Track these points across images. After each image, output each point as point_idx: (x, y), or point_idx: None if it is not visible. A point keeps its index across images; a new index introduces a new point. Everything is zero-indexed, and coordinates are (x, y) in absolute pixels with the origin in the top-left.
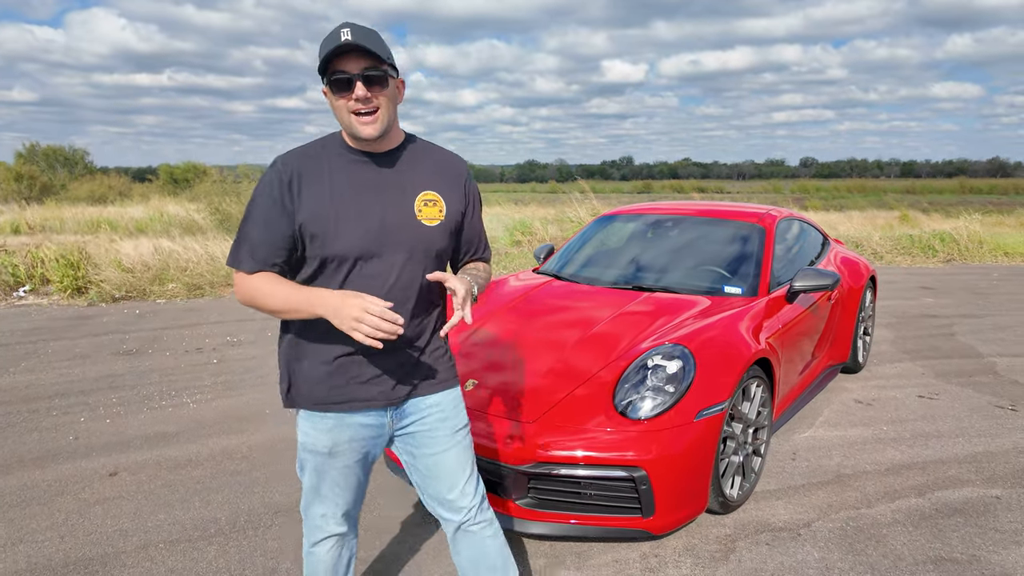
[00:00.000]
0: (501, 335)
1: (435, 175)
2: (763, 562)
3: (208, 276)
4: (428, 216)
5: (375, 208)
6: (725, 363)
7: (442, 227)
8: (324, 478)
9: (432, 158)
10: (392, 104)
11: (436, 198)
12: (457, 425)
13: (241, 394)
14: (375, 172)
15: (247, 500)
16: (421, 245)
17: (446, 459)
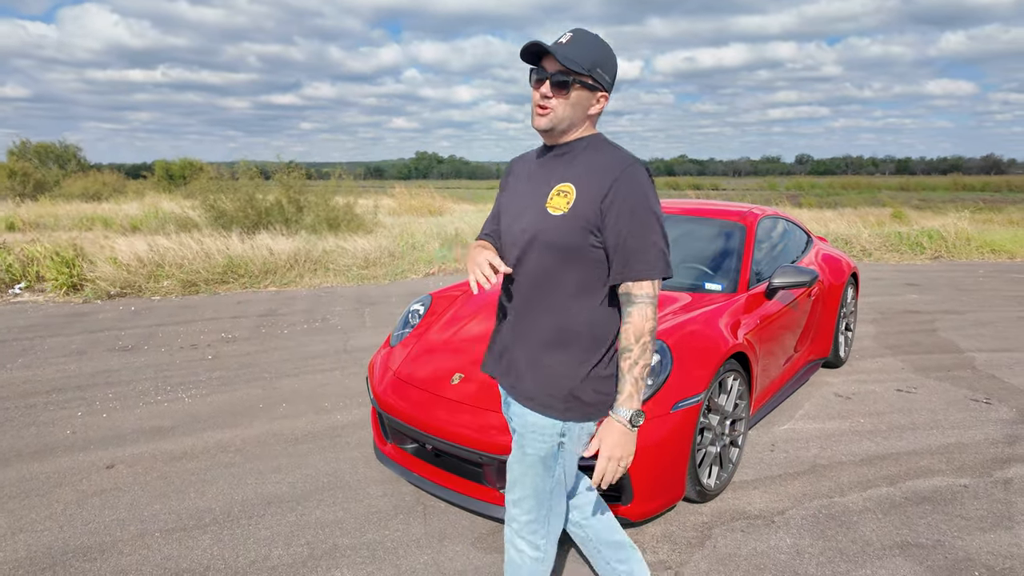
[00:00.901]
0: (488, 330)
1: (583, 169)
2: (737, 548)
3: (204, 273)
4: (554, 205)
5: (524, 197)
6: (702, 357)
7: (566, 219)
8: None
9: (593, 155)
10: (572, 108)
11: (568, 189)
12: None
13: (235, 389)
14: (539, 164)
15: (240, 491)
16: (543, 234)
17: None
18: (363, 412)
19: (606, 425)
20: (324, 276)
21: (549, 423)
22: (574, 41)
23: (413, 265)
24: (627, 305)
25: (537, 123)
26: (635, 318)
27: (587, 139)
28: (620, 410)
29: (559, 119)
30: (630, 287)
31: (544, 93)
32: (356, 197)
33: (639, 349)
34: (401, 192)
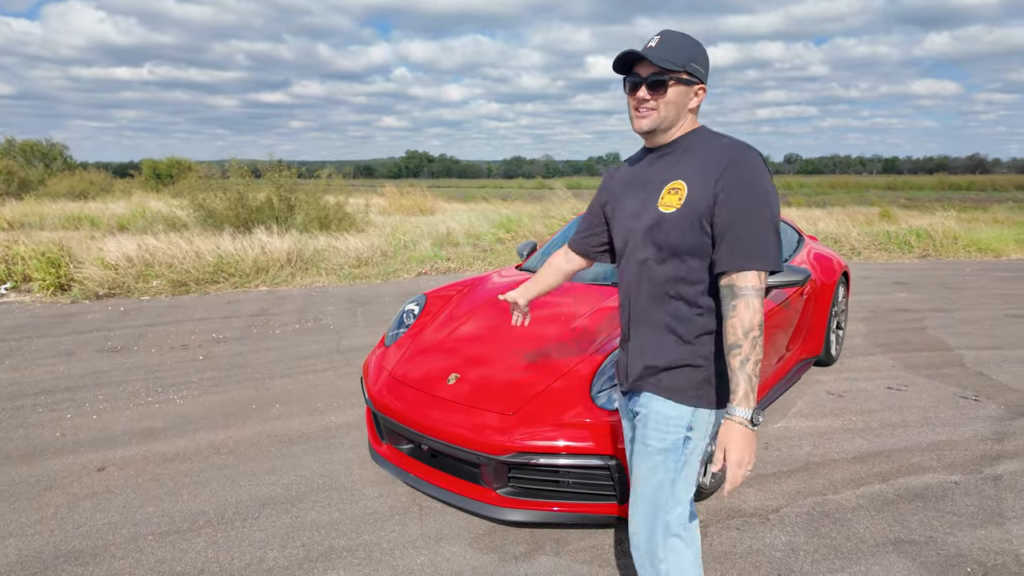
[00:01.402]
0: (484, 330)
1: (692, 163)
2: (733, 545)
3: (194, 272)
4: (666, 203)
5: (635, 200)
6: None
7: (678, 215)
8: None
9: (702, 149)
10: (674, 107)
11: (680, 186)
12: (645, 441)
13: (227, 390)
14: (645, 166)
15: (234, 493)
16: (656, 233)
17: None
18: (357, 413)
19: (726, 430)
20: (316, 275)
21: (677, 413)
22: (663, 42)
23: (405, 264)
24: (730, 297)
25: (639, 125)
26: (741, 311)
27: (691, 134)
28: (737, 410)
29: (661, 118)
30: (734, 278)
31: (641, 97)
32: (347, 196)
33: (749, 344)
34: (391, 191)
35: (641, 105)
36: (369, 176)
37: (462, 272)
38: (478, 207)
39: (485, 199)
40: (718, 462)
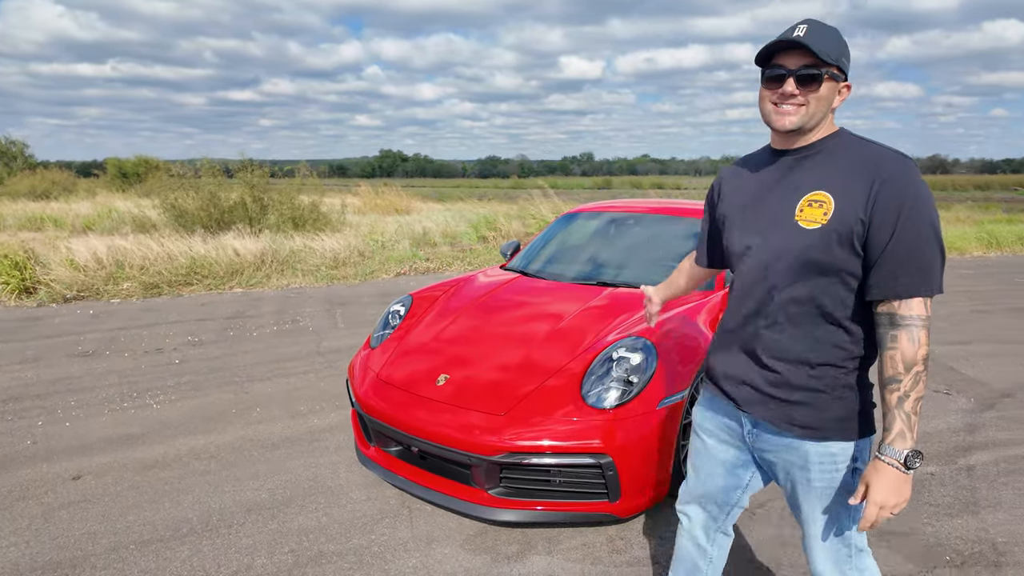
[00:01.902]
0: (471, 330)
1: (838, 172)
2: None
3: (166, 274)
4: (808, 218)
5: (762, 210)
6: (685, 354)
7: (822, 232)
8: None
9: (848, 155)
10: (822, 104)
11: (825, 199)
12: (810, 482)
13: (206, 394)
14: (776, 171)
15: (218, 499)
16: (793, 251)
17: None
18: (341, 415)
19: (875, 468)
20: (292, 276)
21: (837, 447)
22: (813, 31)
23: (384, 265)
24: (890, 327)
25: (782, 123)
26: (904, 344)
27: (832, 137)
28: (890, 449)
29: (810, 116)
30: (896, 306)
31: (788, 91)
32: (321, 195)
33: (910, 380)
34: (366, 190)
35: (786, 101)
36: (342, 175)
37: (442, 272)
38: (454, 207)
39: (461, 199)
40: (858, 496)
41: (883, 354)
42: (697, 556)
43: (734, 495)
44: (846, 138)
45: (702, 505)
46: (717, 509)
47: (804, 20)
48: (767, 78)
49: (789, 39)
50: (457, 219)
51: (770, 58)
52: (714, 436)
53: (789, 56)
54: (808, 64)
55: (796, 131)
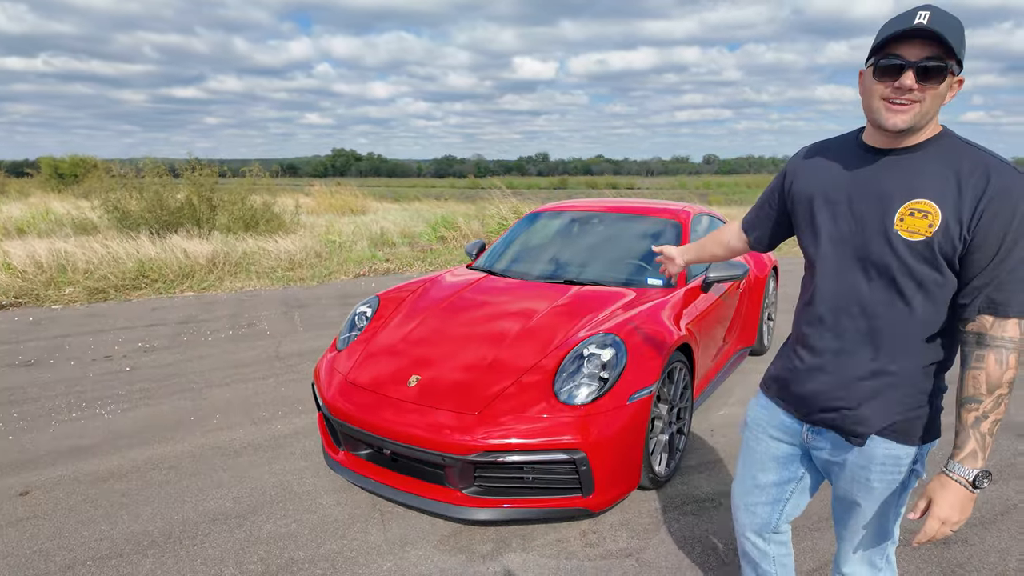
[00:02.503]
0: (441, 330)
1: (943, 180)
2: (691, 530)
3: (112, 279)
4: (909, 228)
5: (856, 205)
6: (652, 349)
7: (925, 246)
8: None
9: (954, 160)
10: (937, 102)
11: (930, 209)
12: (870, 483)
13: (161, 402)
14: (871, 169)
15: (180, 510)
16: (889, 260)
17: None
18: (305, 420)
19: (941, 483)
20: (246, 279)
21: (903, 451)
22: (938, 18)
23: (342, 266)
24: (977, 346)
25: (894, 121)
26: (991, 365)
27: (937, 138)
28: (960, 468)
29: (924, 114)
30: (988, 324)
31: (906, 85)
32: (273, 195)
33: (992, 401)
34: (320, 190)
35: (902, 95)
36: (294, 175)
37: (403, 273)
38: (411, 206)
39: (418, 198)
40: (918, 510)
41: (967, 372)
42: (759, 557)
43: (786, 490)
44: (952, 140)
45: (750, 506)
46: (768, 509)
47: (924, 5)
48: (881, 68)
49: (913, 26)
50: (415, 219)
51: (884, 47)
52: (767, 433)
53: (910, 45)
54: (931, 56)
55: (908, 130)
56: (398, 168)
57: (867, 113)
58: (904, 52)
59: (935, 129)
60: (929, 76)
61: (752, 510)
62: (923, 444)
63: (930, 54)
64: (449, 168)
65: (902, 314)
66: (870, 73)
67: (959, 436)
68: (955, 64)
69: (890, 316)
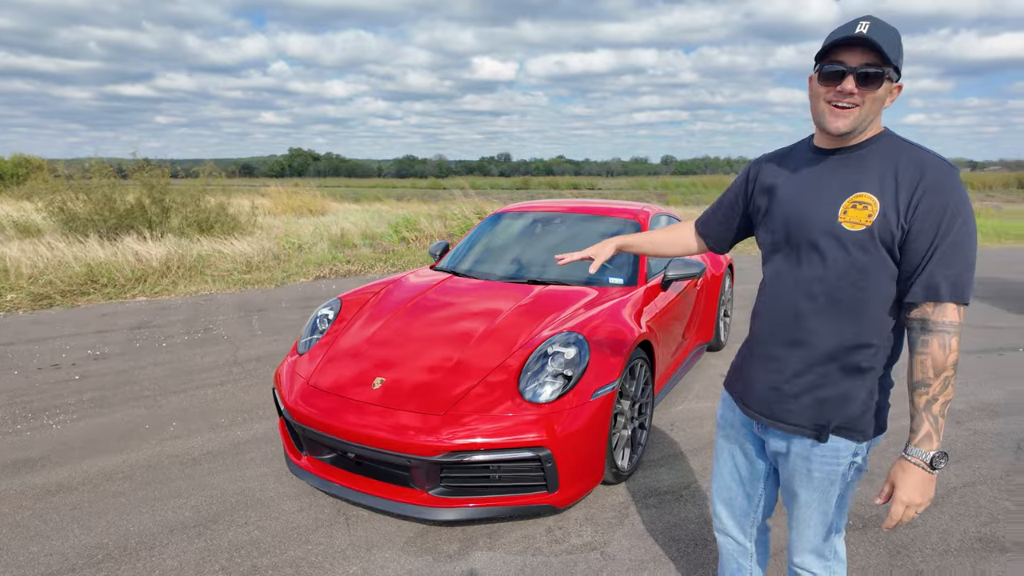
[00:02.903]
0: (405, 332)
1: (883, 175)
2: (653, 522)
3: (59, 284)
4: (851, 219)
5: (803, 204)
6: (614, 346)
7: (866, 235)
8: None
9: (893, 158)
10: (876, 105)
11: (870, 200)
12: (810, 472)
13: (113, 411)
14: (818, 169)
15: (136, 521)
16: (836, 255)
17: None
18: (266, 426)
19: (901, 468)
20: (201, 283)
21: (843, 445)
22: (875, 28)
23: (301, 268)
24: (922, 332)
25: (836, 125)
26: (935, 349)
27: (879, 138)
28: (917, 451)
29: (863, 117)
30: (929, 311)
31: (846, 90)
32: (229, 196)
33: (939, 384)
34: (277, 191)
35: (844, 99)
36: (250, 175)
37: (364, 274)
38: (372, 207)
39: (379, 199)
40: (883, 496)
41: (914, 358)
42: (738, 554)
43: (758, 484)
44: (892, 140)
45: (729, 502)
46: (746, 502)
47: (865, 16)
48: (824, 74)
49: (854, 35)
50: (376, 220)
51: (828, 54)
52: (733, 428)
53: (851, 53)
54: (870, 62)
55: (849, 133)
56: (358, 168)
57: (814, 117)
58: (846, 59)
59: (877, 130)
60: (868, 81)
61: (731, 506)
62: (863, 440)
63: (869, 61)
64: (410, 168)
65: (847, 309)
66: (816, 78)
67: (914, 420)
68: (892, 71)
69: (835, 311)
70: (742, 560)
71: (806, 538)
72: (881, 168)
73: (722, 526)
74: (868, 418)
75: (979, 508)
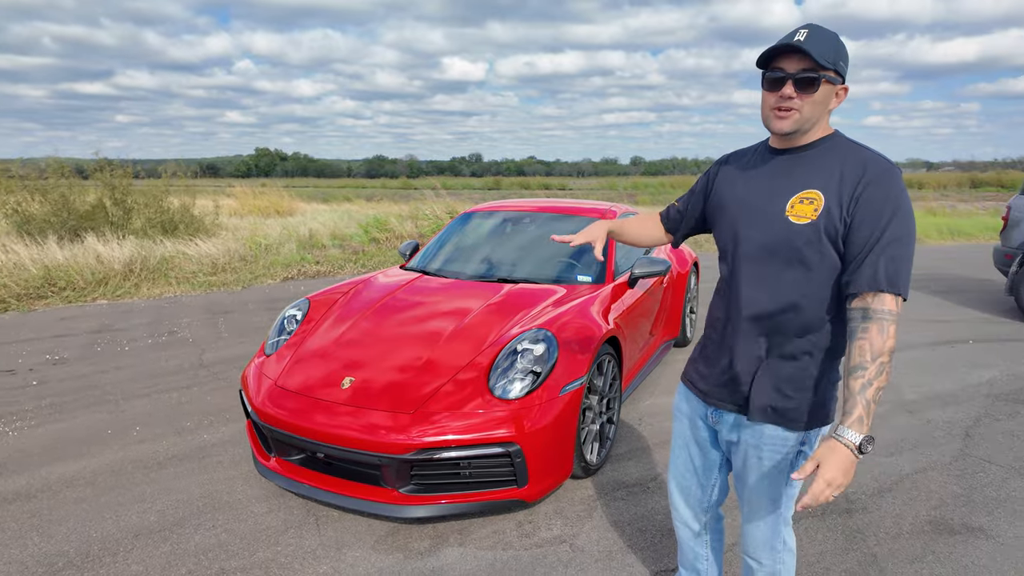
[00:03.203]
0: (375, 331)
1: (829, 173)
2: (621, 514)
3: (13, 287)
4: (798, 213)
5: (753, 202)
6: (582, 343)
7: (812, 227)
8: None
9: (839, 157)
10: (818, 107)
11: (816, 196)
12: (761, 459)
13: (74, 416)
14: (770, 168)
15: (98, 527)
16: (785, 244)
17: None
18: (233, 429)
19: (829, 447)
20: (165, 285)
21: (792, 436)
22: (813, 36)
23: (269, 269)
24: (863, 319)
25: (779, 126)
26: (873, 335)
27: (827, 139)
28: (848, 432)
29: (804, 119)
30: (869, 300)
31: (786, 94)
32: (193, 197)
33: (875, 369)
34: (243, 191)
35: (784, 103)
36: (215, 175)
37: (334, 275)
38: (341, 207)
39: (348, 199)
40: (804, 472)
41: (852, 343)
42: (693, 542)
43: (712, 473)
44: (839, 140)
45: (685, 491)
46: (700, 491)
47: (805, 24)
48: (767, 80)
49: (787, 44)
50: (346, 220)
51: (770, 61)
52: (688, 418)
53: (789, 60)
54: (806, 68)
55: (792, 134)
56: (327, 168)
57: (763, 120)
58: (784, 65)
59: (826, 131)
60: (805, 86)
61: (686, 494)
62: (809, 429)
63: (805, 67)
64: (381, 168)
65: (795, 301)
66: (761, 84)
67: (847, 403)
68: (831, 74)
69: (784, 303)
70: (698, 548)
71: (758, 528)
72: (828, 166)
73: (679, 515)
74: (814, 407)
75: (930, 493)
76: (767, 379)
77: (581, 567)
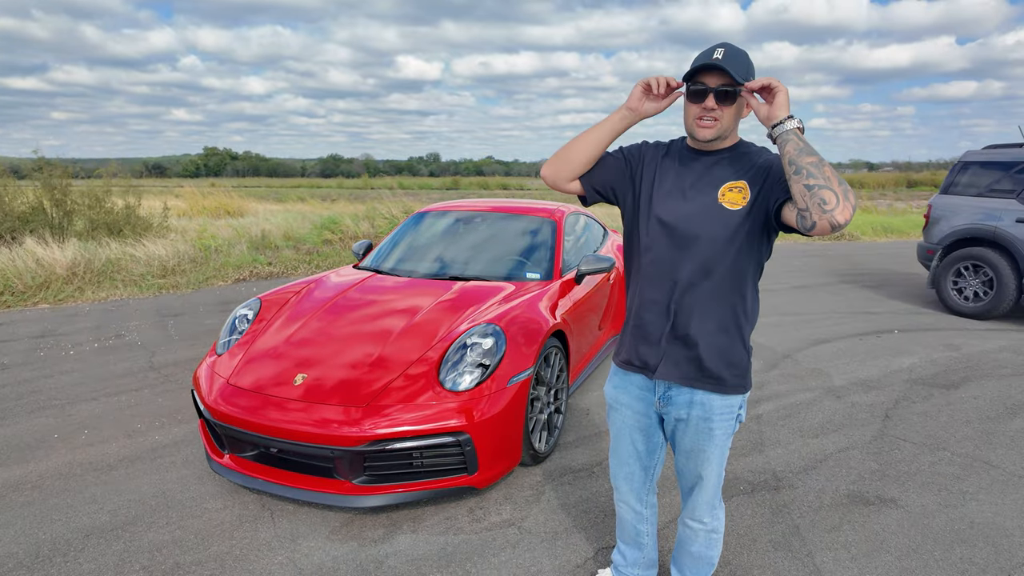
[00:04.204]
0: (326, 330)
1: (748, 167)
2: (567, 497)
3: None
4: (730, 200)
5: (687, 194)
6: (529, 336)
7: (746, 212)
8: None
9: (751, 154)
10: (734, 117)
11: (742, 185)
12: (711, 430)
13: (17, 421)
14: (698, 166)
15: (47, 529)
16: (722, 230)
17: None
18: (185, 429)
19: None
20: (112, 288)
21: (736, 400)
22: (729, 55)
23: (220, 271)
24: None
25: (703, 134)
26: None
27: (739, 145)
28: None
29: (724, 128)
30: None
31: (709, 106)
32: (139, 198)
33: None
34: (191, 191)
35: (707, 114)
36: (161, 175)
37: (288, 276)
38: (294, 208)
39: (302, 199)
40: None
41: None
42: (636, 520)
43: (654, 456)
44: (748, 145)
45: (629, 475)
46: (643, 474)
47: (721, 44)
48: (691, 93)
49: (710, 62)
50: (300, 221)
51: (693, 76)
52: (630, 408)
53: (710, 75)
54: (725, 83)
55: (713, 140)
56: (280, 168)
57: (686, 128)
58: (707, 80)
59: (735, 139)
60: (724, 99)
61: (631, 480)
62: (744, 392)
63: (724, 82)
64: (336, 168)
65: (728, 274)
66: (685, 96)
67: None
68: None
69: (719, 277)
70: (639, 525)
71: (705, 492)
72: (745, 163)
73: (622, 497)
74: (745, 371)
75: (850, 469)
76: (714, 350)
77: (528, 547)
